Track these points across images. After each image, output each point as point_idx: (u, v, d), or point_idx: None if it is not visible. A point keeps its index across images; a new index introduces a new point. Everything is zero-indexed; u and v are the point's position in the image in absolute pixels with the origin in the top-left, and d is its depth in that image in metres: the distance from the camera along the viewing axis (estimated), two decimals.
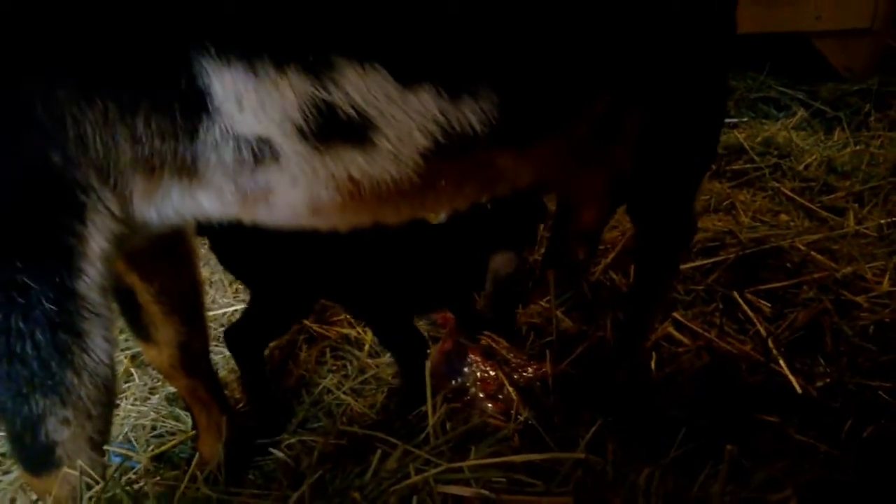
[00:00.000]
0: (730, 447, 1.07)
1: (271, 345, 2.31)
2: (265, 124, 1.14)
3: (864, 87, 3.78)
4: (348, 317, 2.38)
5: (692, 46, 1.56)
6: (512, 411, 1.66)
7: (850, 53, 3.87)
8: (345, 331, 2.33)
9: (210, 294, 2.61)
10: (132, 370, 2.26)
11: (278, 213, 1.29)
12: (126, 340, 2.38)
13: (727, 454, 1.06)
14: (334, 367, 2.21)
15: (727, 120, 3.51)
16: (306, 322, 2.35)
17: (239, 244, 1.81)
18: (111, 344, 1.27)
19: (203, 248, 2.86)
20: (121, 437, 2.02)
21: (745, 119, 3.58)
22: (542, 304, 2.35)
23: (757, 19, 3.65)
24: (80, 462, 1.25)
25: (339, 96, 1.14)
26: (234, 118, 1.14)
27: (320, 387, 2.09)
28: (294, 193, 1.24)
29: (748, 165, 3.15)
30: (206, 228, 1.82)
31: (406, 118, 1.19)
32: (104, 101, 1.11)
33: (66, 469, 1.26)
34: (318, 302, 2.18)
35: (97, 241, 1.20)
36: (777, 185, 2.98)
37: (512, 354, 2.07)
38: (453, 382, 1.86)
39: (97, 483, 1.25)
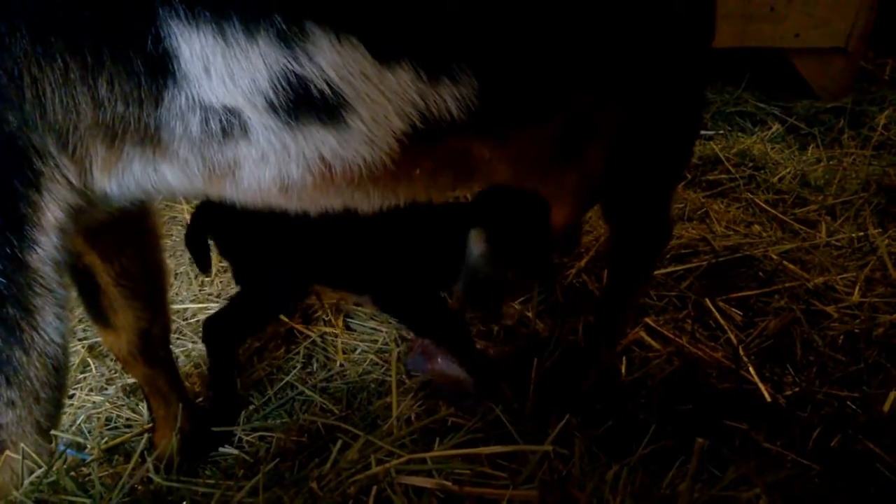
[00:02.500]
0: (700, 440, 1.05)
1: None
2: (234, 94, 1.10)
3: (838, 106, 3.84)
4: (326, 315, 2.33)
5: (671, 48, 1.55)
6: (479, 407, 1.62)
7: (825, 72, 3.92)
8: (327, 329, 2.28)
9: (174, 286, 2.54)
10: (89, 360, 2.19)
11: (245, 190, 1.24)
12: (84, 330, 2.31)
13: (697, 447, 1.03)
14: (299, 364, 2.15)
15: (704, 132, 3.54)
16: (288, 321, 2.30)
17: (236, 224, 1.77)
18: (64, 323, 1.21)
19: (170, 240, 2.81)
20: (74, 429, 1.94)
21: (721, 131, 3.60)
22: (515, 305, 2.33)
23: (736, 34, 3.69)
24: (22, 445, 1.19)
25: (313, 70, 1.09)
26: (201, 86, 1.09)
27: (283, 382, 2.04)
28: (262, 170, 1.19)
29: (723, 176, 3.17)
30: (206, 210, 1.79)
31: (382, 99, 1.15)
32: (65, 59, 1.05)
33: (7, 453, 1.20)
34: (310, 288, 2.11)
35: (53, 210, 1.14)
36: (751, 196, 3.00)
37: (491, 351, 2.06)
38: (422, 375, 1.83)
39: (40, 468, 1.19)
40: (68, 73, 1.06)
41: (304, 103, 1.13)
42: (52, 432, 1.28)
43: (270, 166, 1.20)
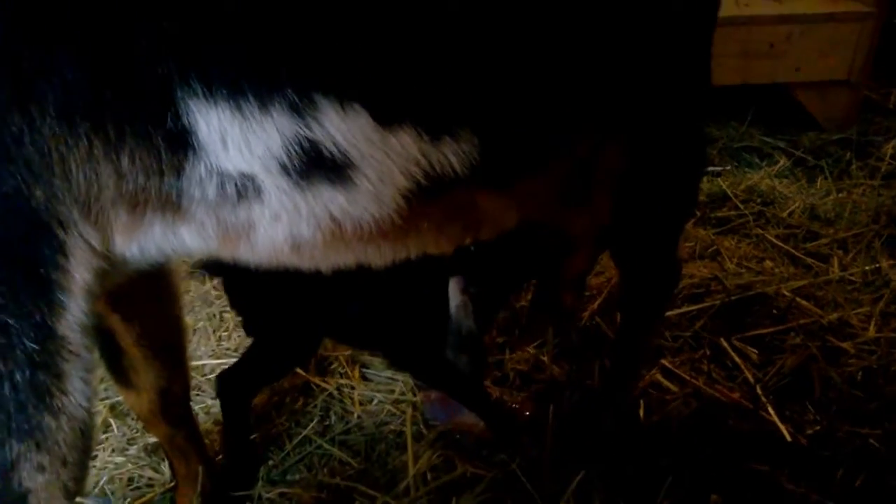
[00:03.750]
0: (715, 497, 1.05)
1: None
2: (250, 162, 1.14)
3: (844, 137, 3.84)
4: (342, 367, 2.35)
5: (671, 91, 1.59)
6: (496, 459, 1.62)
7: (829, 104, 3.94)
8: (344, 381, 2.29)
9: (193, 342, 2.57)
10: (111, 420, 2.21)
11: (260, 251, 1.28)
12: (105, 390, 2.33)
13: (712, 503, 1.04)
14: (316, 417, 2.16)
15: (710, 168, 3.55)
16: (305, 374, 2.32)
17: (250, 279, 1.80)
18: (90, 386, 1.23)
19: (187, 295, 2.85)
20: (97, 490, 1.96)
21: (727, 167, 3.61)
22: (530, 350, 2.34)
23: (738, 71, 3.72)
24: None
25: (323, 134, 1.14)
26: (218, 156, 1.14)
27: (301, 436, 2.05)
28: (275, 229, 1.23)
29: (732, 213, 3.17)
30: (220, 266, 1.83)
31: (386, 159, 1.19)
32: (90, 137, 1.10)
33: None
34: (321, 342, 2.14)
35: (80, 273, 1.17)
36: (761, 231, 3.00)
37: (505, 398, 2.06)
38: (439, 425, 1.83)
39: None
40: (92, 149, 1.11)
41: (315, 165, 1.17)
42: (77, 499, 1.29)
43: (283, 226, 1.24)
